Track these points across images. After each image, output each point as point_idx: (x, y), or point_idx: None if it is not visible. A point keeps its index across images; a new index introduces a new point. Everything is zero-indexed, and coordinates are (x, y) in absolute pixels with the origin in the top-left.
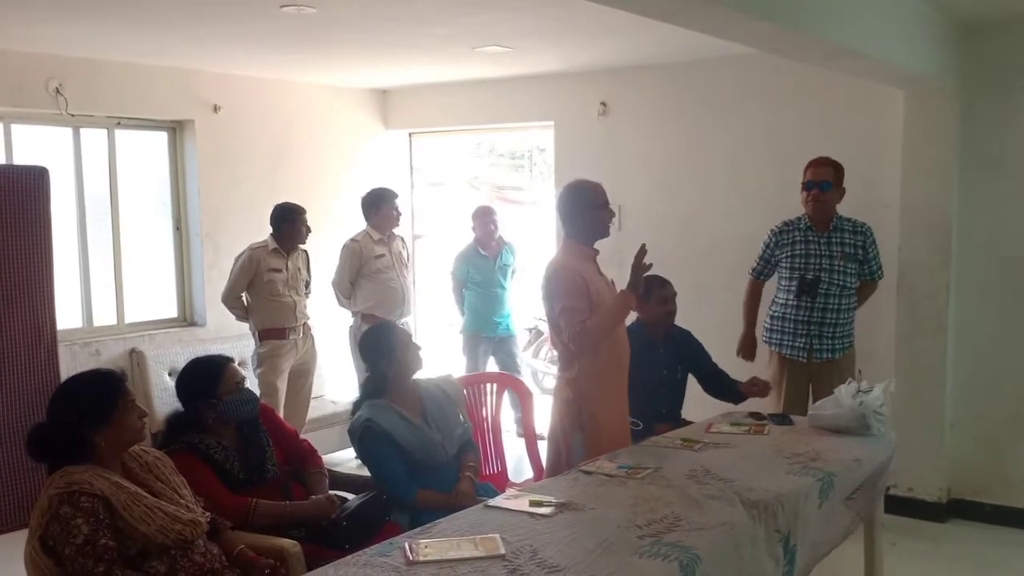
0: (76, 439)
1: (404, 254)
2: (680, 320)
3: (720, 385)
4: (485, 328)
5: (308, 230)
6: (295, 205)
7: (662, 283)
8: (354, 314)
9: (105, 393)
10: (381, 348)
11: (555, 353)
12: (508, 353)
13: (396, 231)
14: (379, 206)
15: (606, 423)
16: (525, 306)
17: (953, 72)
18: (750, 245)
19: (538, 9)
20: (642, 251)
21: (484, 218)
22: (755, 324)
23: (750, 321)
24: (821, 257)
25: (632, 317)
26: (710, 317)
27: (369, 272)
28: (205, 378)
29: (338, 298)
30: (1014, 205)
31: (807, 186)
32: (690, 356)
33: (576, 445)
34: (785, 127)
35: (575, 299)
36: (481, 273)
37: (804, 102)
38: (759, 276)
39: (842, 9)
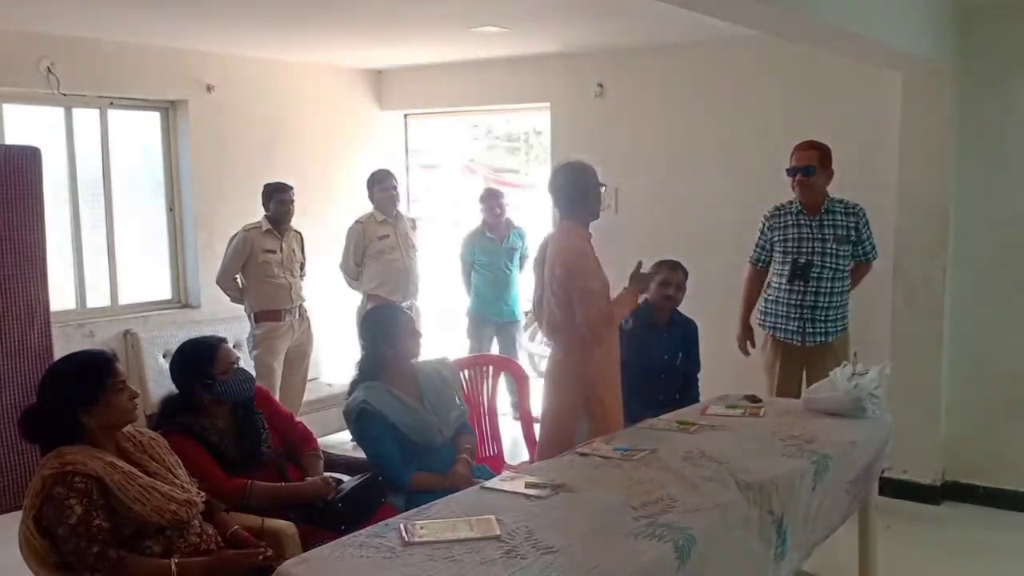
0: (66, 420)
1: (412, 236)
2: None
3: (680, 388)
4: (491, 312)
5: (291, 207)
6: (278, 182)
7: (672, 267)
8: (362, 294)
9: (94, 373)
10: (383, 330)
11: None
12: (510, 337)
13: (407, 214)
14: (372, 188)
15: (611, 409)
16: (524, 290)
17: (951, 55)
18: (746, 228)
19: None
20: (637, 268)
21: (491, 201)
22: (751, 314)
23: (746, 311)
24: (813, 240)
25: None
26: (705, 299)
27: (372, 252)
28: (199, 359)
29: (346, 280)
30: (1012, 189)
31: (790, 172)
32: (684, 347)
33: (583, 431)
34: (783, 109)
35: (595, 282)
36: (488, 256)
37: (802, 84)
38: (757, 263)
39: None
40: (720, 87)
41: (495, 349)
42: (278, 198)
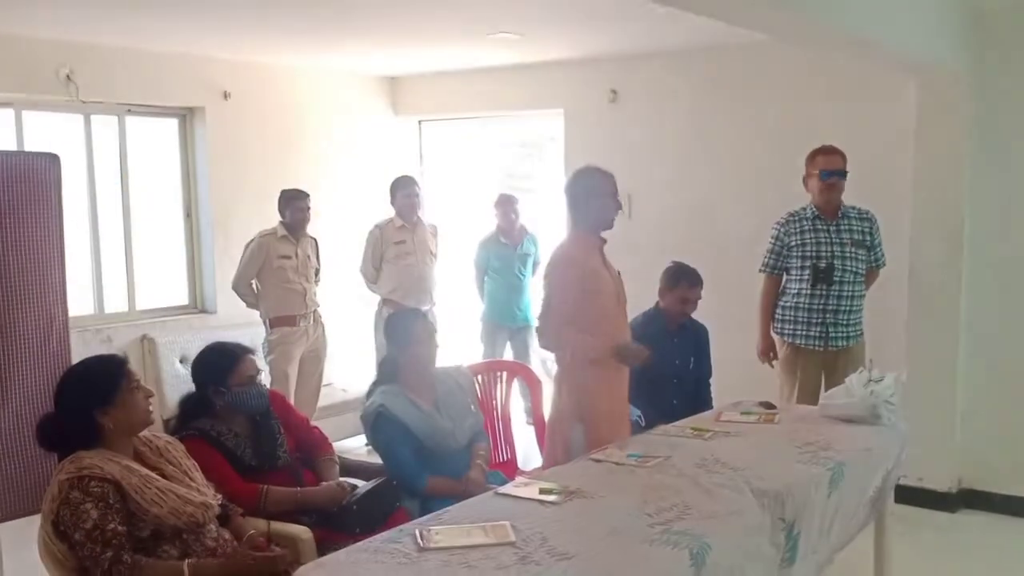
0: (84, 423)
1: (431, 243)
2: None
3: (692, 393)
4: (504, 317)
5: (307, 214)
6: (295, 189)
7: (692, 283)
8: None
9: (109, 375)
10: (398, 335)
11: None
12: (523, 343)
13: (429, 221)
14: (394, 193)
15: (607, 413)
16: (537, 295)
17: (966, 60)
18: (760, 234)
19: None
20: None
21: (505, 207)
22: (771, 325)
23: (767, 322)
24: (832, 244)
25: (651, 302)
26: (719, 306)
27: (389, 257)
28: (219, 365)
29: (366, 283)
30: None
31: (824, 175)
32: (696, 351)
33: (577, 436)
34: (796, 115)
35: (569, 293)
36: (501, 261)
37: (816, 90)
38: (773, 271)
39: None
40: (734, 92)
41: (508, 354)
42: (295, 206)
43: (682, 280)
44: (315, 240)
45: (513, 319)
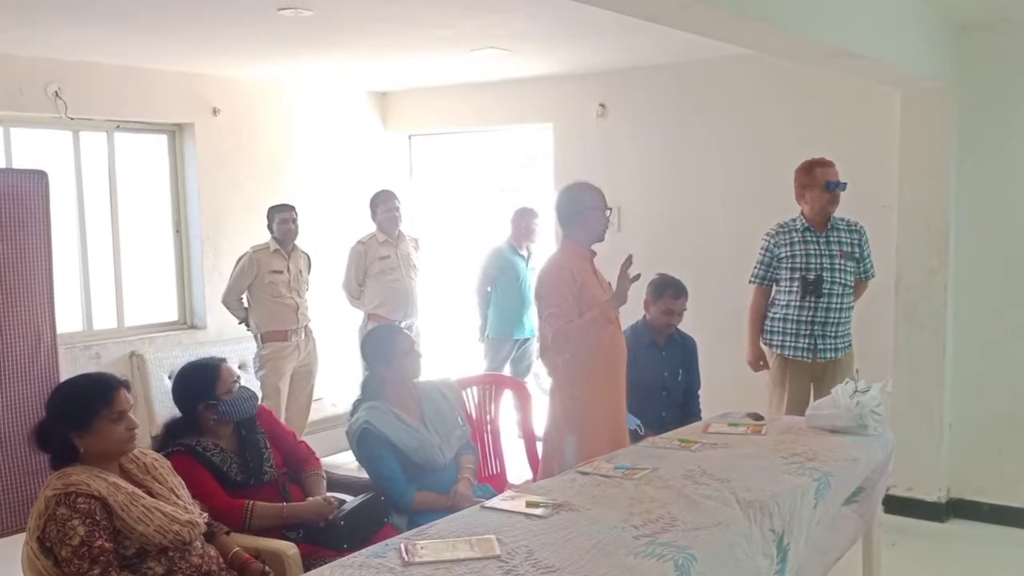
0: (62, 441)
1: (413, 256)
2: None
3: (680, 404)
4: (514, 329)
5: (293, 226)
6: (281, 203)
7: (676, 294)
8: (364, 314)
9: (90, 400)
10: (381, 351)
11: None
12: (526, 354)
13: (410, 233)
14: (375, 208)
15: (598, 425)
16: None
17: (950, 72)
18: (748, 246)
19: (535, 11)
20: (628, 262)
21: (528, 219)
22: (760, 335)
23: (756, 332)
24: (821, 256)
25: (639, 315)
26: (707, 318)
27: (374, 273)
28: (202, 381)
29: (348, 299)
30: (1011, 204)
31: (830, 186)
32: (684, 363)
33: (569, 448)
34: (782, 128)
35: (563, 299)
36: (514, 272)
37: (801, 102)
38: (763, 282)
39: (837, 9)
40: (720, 106)
41: (507, 367)
42: (280, 218)
43: (666, 291)
44: (308, 255)
45: (522, 330)
